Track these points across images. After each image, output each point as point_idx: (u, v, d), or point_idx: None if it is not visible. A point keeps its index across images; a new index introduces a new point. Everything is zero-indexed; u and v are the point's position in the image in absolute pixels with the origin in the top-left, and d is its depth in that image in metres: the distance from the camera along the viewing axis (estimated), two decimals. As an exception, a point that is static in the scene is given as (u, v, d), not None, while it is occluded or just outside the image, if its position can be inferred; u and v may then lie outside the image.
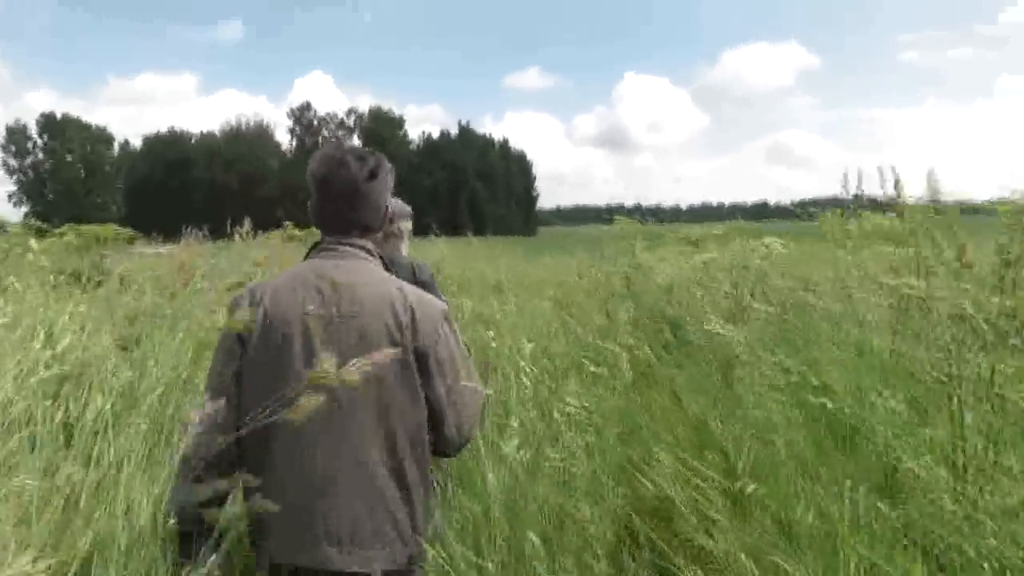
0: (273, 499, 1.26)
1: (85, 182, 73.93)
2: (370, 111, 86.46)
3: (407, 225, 2.76)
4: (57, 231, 7.57)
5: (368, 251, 1.54)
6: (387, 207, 1.58)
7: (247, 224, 5.29)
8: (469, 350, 1.73)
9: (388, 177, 1.57)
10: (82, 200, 71.44)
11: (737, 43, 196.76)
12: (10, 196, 69.64)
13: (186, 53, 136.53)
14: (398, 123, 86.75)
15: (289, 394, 1.18)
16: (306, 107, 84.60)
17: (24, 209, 66.85)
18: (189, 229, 6.63)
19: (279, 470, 1.37)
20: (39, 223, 6.95)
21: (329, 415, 1.30)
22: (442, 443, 1.49)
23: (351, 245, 1.52)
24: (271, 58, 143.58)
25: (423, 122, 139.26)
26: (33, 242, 4.73)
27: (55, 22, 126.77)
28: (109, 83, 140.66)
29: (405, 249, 2.78)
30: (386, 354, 1.21)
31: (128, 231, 9.06)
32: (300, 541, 1.36)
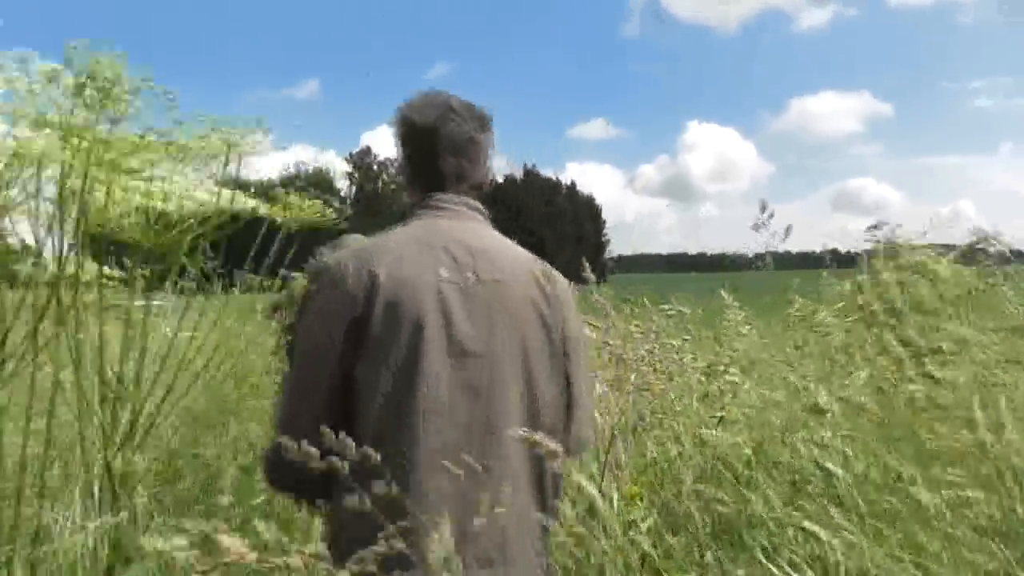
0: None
1: (144, 231, 72.97)
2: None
3: None
4: None
5: (484, 214, 1.30)
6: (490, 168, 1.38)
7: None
8: None
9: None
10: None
11: (804, 92, 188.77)
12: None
13: (262, 111, 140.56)
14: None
15: (428, 375, 1.09)
16: (366, 152, 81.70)
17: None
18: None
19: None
20: None
21: (474, 399, 1.12)
22: (571, 441, 1.21)
23: (467, 205, 1.26)
24: (342, 114, 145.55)
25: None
26: None
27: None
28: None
29: None
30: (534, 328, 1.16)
31: None
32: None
